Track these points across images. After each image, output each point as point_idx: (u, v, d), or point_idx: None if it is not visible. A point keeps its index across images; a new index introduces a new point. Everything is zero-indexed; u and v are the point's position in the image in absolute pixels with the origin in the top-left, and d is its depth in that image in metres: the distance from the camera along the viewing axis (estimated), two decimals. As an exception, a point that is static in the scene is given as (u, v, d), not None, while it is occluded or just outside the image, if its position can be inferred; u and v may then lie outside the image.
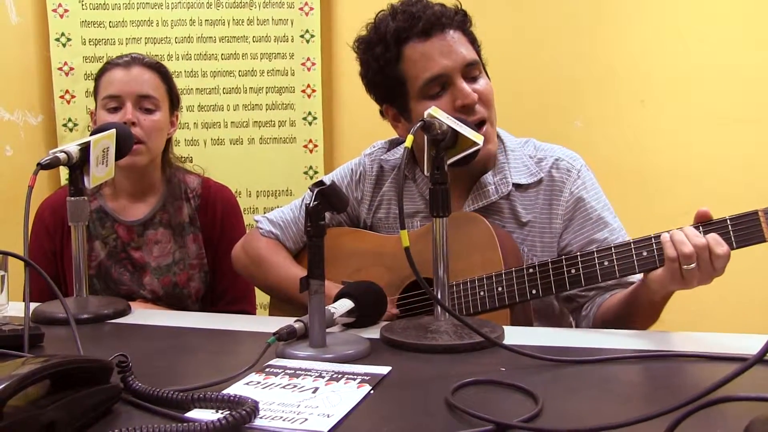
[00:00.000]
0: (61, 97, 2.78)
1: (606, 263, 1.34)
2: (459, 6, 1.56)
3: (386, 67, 1.53)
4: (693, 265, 1.21)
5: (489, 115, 1.53)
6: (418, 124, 1.17)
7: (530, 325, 1.47)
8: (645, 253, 1.31)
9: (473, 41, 1.56)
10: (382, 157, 1.70)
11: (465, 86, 1.49)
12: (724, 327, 1.31)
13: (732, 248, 1.23)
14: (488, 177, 1.57)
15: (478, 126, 1.47)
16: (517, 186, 1.56)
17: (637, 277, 1.45)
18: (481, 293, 1.42)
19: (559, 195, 1.53)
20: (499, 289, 1.41)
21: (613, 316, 1.44)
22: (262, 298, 2.07)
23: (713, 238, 1.22)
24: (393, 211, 1.66)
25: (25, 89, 2.84)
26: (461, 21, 1.54)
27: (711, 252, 1.21)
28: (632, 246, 1.32)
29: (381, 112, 1.64)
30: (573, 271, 1.35)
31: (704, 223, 1.27)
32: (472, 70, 1.52)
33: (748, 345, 1.09)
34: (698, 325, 1.31)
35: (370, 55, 1.56)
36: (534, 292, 1.38)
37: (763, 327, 2.50)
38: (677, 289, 1.28)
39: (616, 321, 1.43)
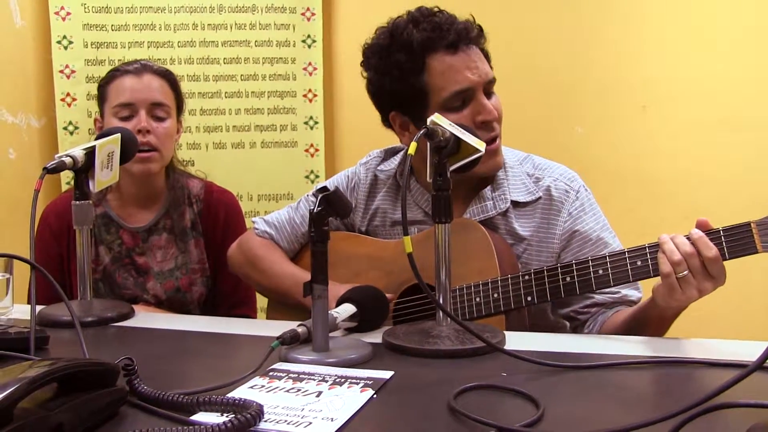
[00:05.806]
0: (62, 99, 2.78)
1: (600, 272, 1.34)
2: (473, 20, 1.56)
3: (409, 75, 1.51)
4: (686, 272, 1.23)
5: (500, 131, 1.55)
6: (421, 132, 1.18)
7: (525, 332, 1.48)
8: (639, 263, 1.31)
9: (488, 58, 1.57)
10: (377, 167, 1.71)
11: (487, 102, 1.50)
12: (726, 333, 1.32)
13: (725, 259, 1.24)
14: (487, 192, 1.57)
15: (491, 142, 1.49)
16: (515, 203, 1.56)
17: (634, 294, 1.49)
18: (477, 299, 1.43)
19: (557, 215, 1.53)
20: (495, 295, 1.41)
21: (619, 333, 1.43)
22: (261, 302, 2.08)
23: (702, 241, 1.23)
24: (389, 221, 1.67)
25: (27, 92, 2.84)
26: (479, 37, 1.55)
27: (701, 256, 1.22)
28: (626, 255, 1.33)
29: (384, 120, 1.63)
30: (568, 278, 1.36)
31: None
32: (490, 87, 1.54)
33: (749, 351, 1.10)
34: (700, 332, 1.31)
35: (391, 62, 1.53)
36: (529, 299, 1.39)
37: (764, 334, 2.50)
38: (680, 301, 1.27)
39: None
